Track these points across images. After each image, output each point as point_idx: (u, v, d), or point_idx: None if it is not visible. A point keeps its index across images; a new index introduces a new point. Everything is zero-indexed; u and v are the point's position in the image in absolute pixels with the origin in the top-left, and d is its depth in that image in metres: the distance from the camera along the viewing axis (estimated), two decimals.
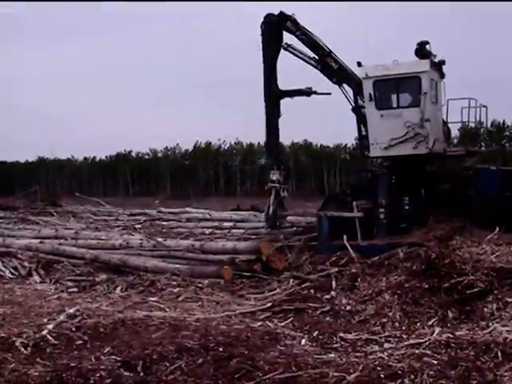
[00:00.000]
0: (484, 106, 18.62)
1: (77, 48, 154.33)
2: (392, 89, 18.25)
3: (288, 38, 19.62)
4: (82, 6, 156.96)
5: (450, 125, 19.19)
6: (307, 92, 20.03)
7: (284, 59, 19.79)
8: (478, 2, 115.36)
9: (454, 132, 20.88)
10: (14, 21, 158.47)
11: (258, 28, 19.51)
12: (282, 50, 19.61)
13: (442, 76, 18.73)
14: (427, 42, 17.88)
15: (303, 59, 19.49)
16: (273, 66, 19.68)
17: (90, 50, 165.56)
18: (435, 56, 18.11)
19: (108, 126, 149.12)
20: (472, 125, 18.99)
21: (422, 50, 17.84)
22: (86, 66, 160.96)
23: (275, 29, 19.43)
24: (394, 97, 18.36)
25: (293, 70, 20.73)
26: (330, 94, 19.95)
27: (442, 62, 18.47)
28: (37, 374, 8.08)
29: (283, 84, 20.10)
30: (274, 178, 19.69)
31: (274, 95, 19.73)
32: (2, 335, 9.66)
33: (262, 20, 19.48)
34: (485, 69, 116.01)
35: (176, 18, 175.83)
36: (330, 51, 19.10)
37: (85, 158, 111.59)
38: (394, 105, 18.33)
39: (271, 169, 20.00)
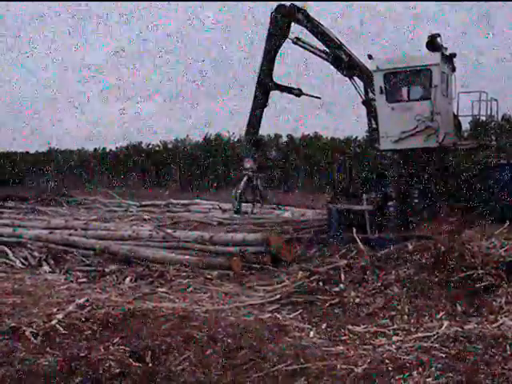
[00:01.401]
0: (495, 100, 18.56)
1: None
2: (403, 82, 18.18)
3: (296, 32, 19.64)
4: (82, 5, 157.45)
5: (460, 118, 19.13)
6: (297, 93, 20.38)
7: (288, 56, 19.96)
8: (478, 2, 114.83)
9: (465, 125, 20.82)
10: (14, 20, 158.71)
11: (258, 27, 19.65)
12: (291, 45, 19.63)
13: (453, 69, 18.63)
14: (438, 35, 17.77)
15: (313, 52, 19.46)
16: (272, 56, 19.76)
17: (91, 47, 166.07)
18: (446, 49, 18.02)
19: (116, 119, 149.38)
20: (483, 118, 18.93)
21: (433, 43, 17.73)
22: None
23: (285, 20, 19.41)
24: (404, 90, 18.30)
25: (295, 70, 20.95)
26: (319, 97, 20.66)
27: (453, 55, 18.37)
28: (46, 363, 8.14)
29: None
30: (248, 165, 20.61)
31: (264, 85, 19.90)
32: (12, 325, 9.69)
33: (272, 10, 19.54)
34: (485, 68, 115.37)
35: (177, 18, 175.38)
36: (341, 43, 19.06)
37: (95, 149, 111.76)
38: (405, 98, 18.26)
39: (246, 157, 20.85)
